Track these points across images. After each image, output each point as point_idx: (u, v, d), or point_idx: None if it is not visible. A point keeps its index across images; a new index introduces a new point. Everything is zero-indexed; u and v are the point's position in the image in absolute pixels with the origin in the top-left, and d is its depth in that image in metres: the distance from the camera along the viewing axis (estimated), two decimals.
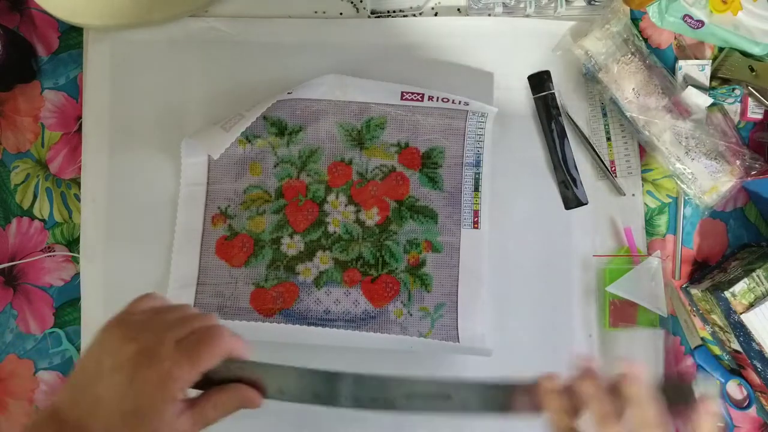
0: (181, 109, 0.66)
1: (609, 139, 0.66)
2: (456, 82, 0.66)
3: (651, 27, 0.67)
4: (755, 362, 0.59)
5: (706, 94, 0.64)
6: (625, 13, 0.66)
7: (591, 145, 0.66)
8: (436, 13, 0.67)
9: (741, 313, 0.58)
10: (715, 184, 0.63)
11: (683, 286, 0.66)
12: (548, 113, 0.66)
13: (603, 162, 0.66)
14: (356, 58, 0.66)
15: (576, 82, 0.66)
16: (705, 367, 0.64)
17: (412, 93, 0.64)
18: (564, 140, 0.65)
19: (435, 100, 0.64)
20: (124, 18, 0.64)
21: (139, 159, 0.65)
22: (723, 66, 0.66)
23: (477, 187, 0.65)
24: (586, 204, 0.65)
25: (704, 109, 0.64)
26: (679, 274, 0.66)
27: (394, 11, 0.67)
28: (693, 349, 0.65)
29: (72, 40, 0.67)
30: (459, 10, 0.67)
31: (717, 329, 0.64)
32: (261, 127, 0.65)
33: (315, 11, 0.67)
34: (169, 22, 0.66)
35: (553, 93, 0.66)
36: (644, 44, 0.66)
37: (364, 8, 0.67)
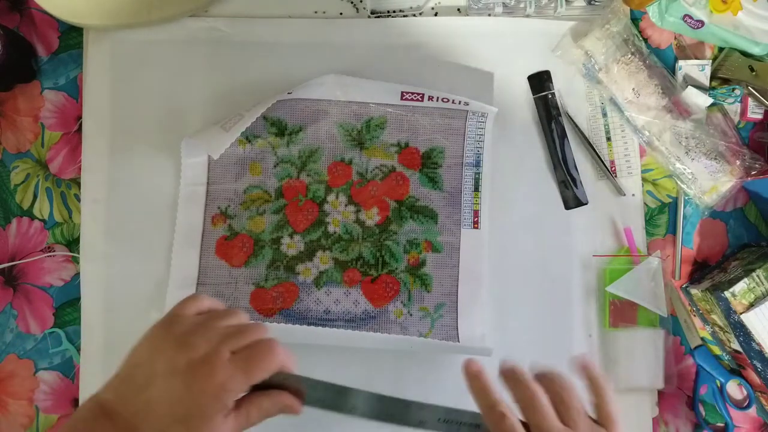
0: (181, 109, 0.66)
1: (609, 139, 0.66)
2: (456, 82, 0.66)
3: (651, 27, 0.67)
4: (755, 362, 0.59)
5: (706, 94, 0.64)
6: (625, 13, 0.66)
7: (591, 145, 0.66)
8: (436, 13, 0.67)
9: (741, 313, 0.58)
10: (715, 184, 0.63)
11: (683, 286, 0.66)
12: (548, 113, 0.66)
13: (603, 162, 0.66)
14: (356, 58, 0.66)
15: (576, 82, 0.66)
16: (705, 367, 0.64)
17: (412, 93, 0.64)
18: (564, 140, 0.65)
19: (435, 100, 0.64)
20: (124, 18, 0.64)
21: (139, 159, 0.65)
22: (723, 66, 0.66)
23: (477, 187, 0.65)
24: (586, 204, 0.65)
25: (704, 109, 0.64)
26: (679, 274, 0.66)
27: (394, 11, 0.67)
28: (693, 349, 0.65)
29: (72, 40, 0.67)
30: (459, 10, 0.67)
31: (717, 329, 0.64)
32: (261, 127, 0.65)
33: (315, 11, 0.67)
34: (169, 22, 0.66)
35: (553, 93, 0.66)
36: (644, 44, 0.66)
37: (364, 8, 0.67)
